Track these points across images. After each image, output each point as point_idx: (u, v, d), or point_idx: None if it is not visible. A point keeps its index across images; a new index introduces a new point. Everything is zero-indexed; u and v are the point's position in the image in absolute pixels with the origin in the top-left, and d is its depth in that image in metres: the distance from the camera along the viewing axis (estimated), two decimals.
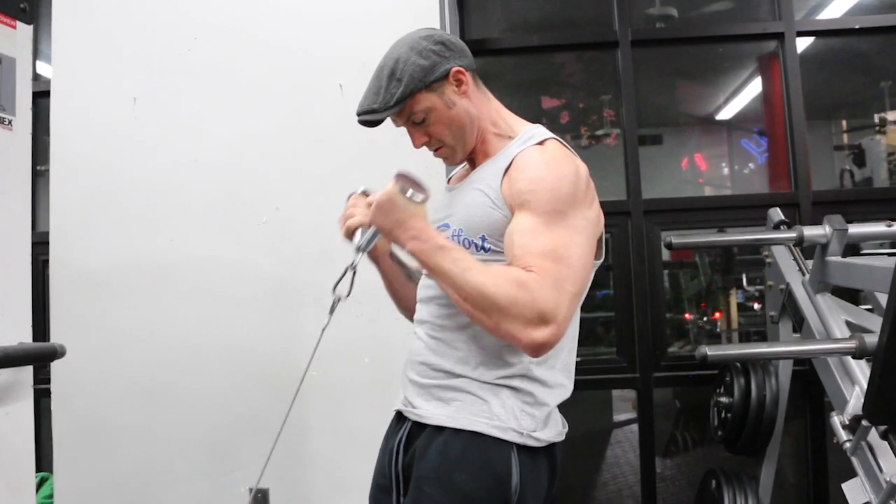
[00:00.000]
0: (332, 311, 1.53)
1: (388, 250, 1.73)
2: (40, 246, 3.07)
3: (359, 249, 1.51)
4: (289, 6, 2.79)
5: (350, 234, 1.55)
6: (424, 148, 1.60)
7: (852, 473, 1.88)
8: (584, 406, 3.56)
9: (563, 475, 1.60)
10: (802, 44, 3.31)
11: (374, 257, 1.72)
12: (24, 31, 1.45)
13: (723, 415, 2.79)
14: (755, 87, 3.78)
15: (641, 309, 3.11)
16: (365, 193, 1.58)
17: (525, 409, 1.45)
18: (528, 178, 1.42)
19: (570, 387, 1.56)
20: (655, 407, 3.14)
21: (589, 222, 1.42)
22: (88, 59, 2.81)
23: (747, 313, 4.02)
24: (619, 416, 4.22)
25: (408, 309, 1.75)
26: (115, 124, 2.78)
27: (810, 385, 2.96)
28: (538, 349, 1.34)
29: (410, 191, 1.41)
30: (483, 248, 1.47)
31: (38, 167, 2.90)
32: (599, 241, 1.51)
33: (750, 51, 3.66)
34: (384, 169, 1.77)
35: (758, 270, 3.24)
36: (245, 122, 2.74)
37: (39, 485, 3.06)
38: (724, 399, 2.78)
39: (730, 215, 3.26)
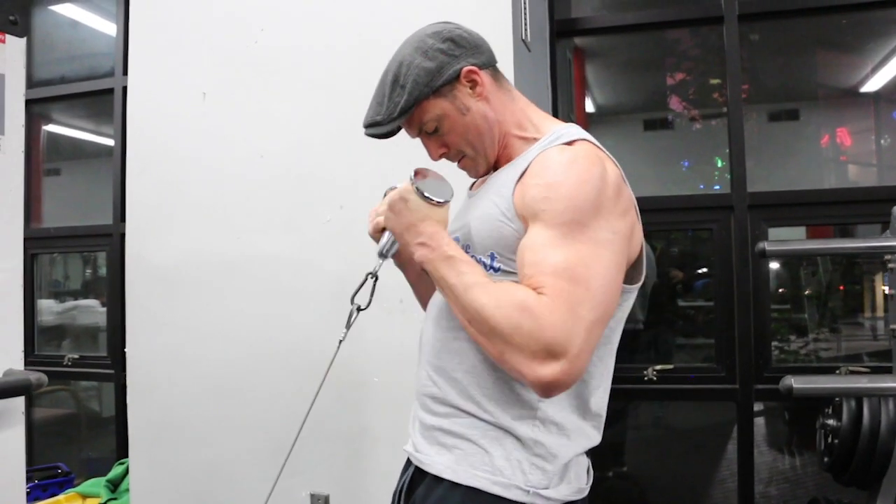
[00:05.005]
0: (349, 323, 1.41)
1: None
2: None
3: (381, 255, 1.38)
4: None
5: (378, 234, 1.41)
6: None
7: None
8: None
9: (677, 469, 1.39)
10: None
11: (401, 262, 1.55)
12: (15, 44, 1.39)
13: (829, 440, 2.48)
14: None
15: (744, 314, 2.80)
16: None
17: (535, 461, 1.25)
18: (542, 183, 1.21)
19: (597, 435, 1.33)
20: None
21: (618, 236, 1.20)
22: (162, 55, 2.81)
23: None
24: None
25: None
26: (187, 120, 2.76)
27: None
28: (547, 389, 1.12)
29: (427, 191, 1.25)
30: (493, 267, 1.27)
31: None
32: (638, 261, 1.30)
33: None
34: (448, 165, 1.61)
35: None
36: (311, 115, 2.65)
37: (126, 472, 3.15)
38: (831, 422, 2.47)
39: (852, 210, 2.88)
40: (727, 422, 3.90)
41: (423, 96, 1.32)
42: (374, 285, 1.40)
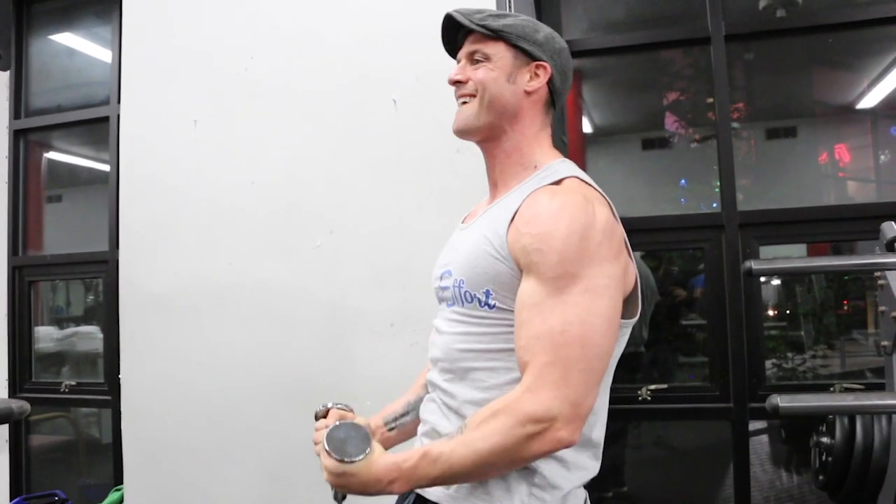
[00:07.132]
0: None
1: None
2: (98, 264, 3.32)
3: (335, 500, 1.35)
4: (341, 22, 2.70)
5: None
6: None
7: None
8: None
9: (679, 488, 1.39)
10: None
11: None
12: None
13: (824, 457, 2.46)
14: None
15: (736, 333, 2.79)
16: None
17: (534, 492, 1.27)
18: (534, 233, 1.23)
19: (594, 468, 1.36)
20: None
21: (613, 280, 1.22)
22: (153, 84, 2.87)
23: None
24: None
25: None
26: (179, 147, 2.81)
27: None
28: (568, 441, 1.17)
29: (348, 453, 1.22)
30: (487, 304, 1.29)
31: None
32: (633, 294, 1.32)
33: None
34: (438, 188, 1.61)
35: None
36: (300, 140, 2.70)
37: (122, 499, 3.15)
38: (825, 440, 2.45)
39: (848, 227, 2.86)
40: (728, 440, 3.88)
41: (505, 38, 1.39)
42: None
